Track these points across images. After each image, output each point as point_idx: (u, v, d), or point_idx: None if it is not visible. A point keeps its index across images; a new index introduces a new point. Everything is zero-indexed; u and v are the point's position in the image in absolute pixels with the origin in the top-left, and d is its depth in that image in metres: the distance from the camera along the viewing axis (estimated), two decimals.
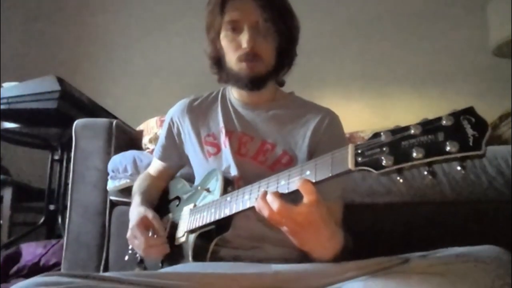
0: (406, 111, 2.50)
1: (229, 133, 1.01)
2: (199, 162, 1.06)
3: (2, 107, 1.83)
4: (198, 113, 1.09)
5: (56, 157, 2.20)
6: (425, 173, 0.55)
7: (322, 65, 2.60)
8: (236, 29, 0.96)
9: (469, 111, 0.53)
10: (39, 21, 3.10)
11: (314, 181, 0.66)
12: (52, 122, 1.95)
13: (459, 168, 0.53)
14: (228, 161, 0.99)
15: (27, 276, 1.76)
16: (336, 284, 0.71)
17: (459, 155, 0.51)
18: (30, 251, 1.86)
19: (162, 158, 1.16)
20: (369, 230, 1.15)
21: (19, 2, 3.07)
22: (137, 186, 1.15)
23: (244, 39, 0.94)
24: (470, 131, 0.52)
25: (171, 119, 1.12)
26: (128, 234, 0.97)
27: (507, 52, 2.17)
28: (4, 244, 2.00)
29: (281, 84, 1.09)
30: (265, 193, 0.70)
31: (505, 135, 1.78)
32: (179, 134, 1.11)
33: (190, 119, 1.08)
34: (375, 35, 2.62)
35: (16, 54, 2.96)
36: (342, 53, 2.66)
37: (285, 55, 1.01)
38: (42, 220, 2.14)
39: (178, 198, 1.08)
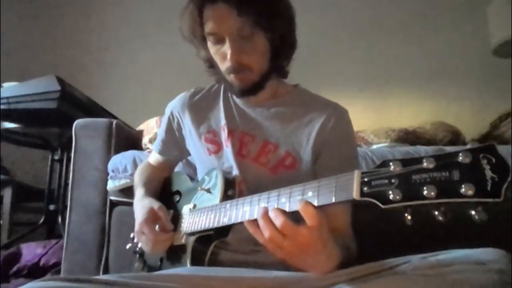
0: (407, 111, 2.50)
1: (231, 132, 0.98)
2: (200, 159, 1.04)
3: (2, 107, 1.83)
4: (199, 108, 1.05)
5: (56, 157, 2.20)
6: (436, 212, 0.50)
7: (322, 64, 2.60)
8: (218, 40, 0.89)
9: (490, 149, 0.47)
10: (39, 21, 3.09)
11: (316, 205, 0.62)
12: (52, 122, 1.95)
13: (473, 212, 0.47)
14: (229, 162, 0.96)
15: (27, 276, 1.76)
16: (337, 285, 0.71)
17: (474, 200, 0.46)
18: (30, 251, 1.86)
19: (162, 152, 1.14)
20: (369, 230, 1.15)
21: (19, 2, 3.07)
22: (138, 177, 1.12)
23: (227, 52, 0.87)
24: (489, 173, 0.46)
25: (171, 113, 1.09)
26: (136, 228, 0.95)
27: (507, 52, 2.17)
28: (4, 244, 1.99)
29: (285, 75, 1.02)
30: (266, 211, 0.67)
31: (505, 135, 1.78)
32: (179, 129, 1.09)
33: (190, 115, 1.05)
34: (375, 35, 2.61)
35: (16, 54, 2.95)
36: (342, 52, 2.65)
37: (281, 52, 0.94)
38: (42, 220, 2.13)
39: (179, 192, 1.07)
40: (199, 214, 0.89)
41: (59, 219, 2.09)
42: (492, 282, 0.60)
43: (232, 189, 0.89)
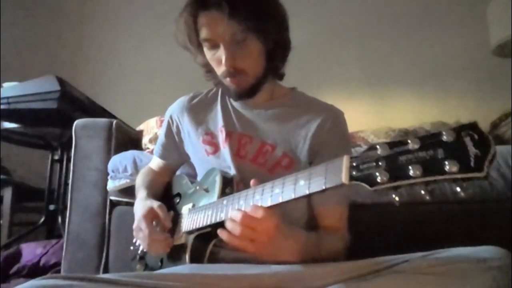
0: (407, 111, 2.50)
1: (229, 134, 0.99)
2: (199, 161, 1.05)
3: (2, 107, 1.83)
4: (197, 111, 1.07)
5: (56, 157, 2.19)
6: (422, 192, 0.51)
7: (322, 65, 2.60)
8: (213, 45, 0.91)
9: (472, 127, 0.49)
10: (40, 21, 3.10)
11: (307, 192, 0.64)
12: (52, 122, 1.95)
13: (458, 189, 0.48)
14: (226, 162, 0.97)
15: (27, 276, 1.76)
16: (336, 285, 0.71)
17: (458, 176, 0.47)
18: (30, 251, 1.86)
19: (162, 156, 1.15)
20: (369, 230, 1.15)
21: (19, 2, 3.07)
22: (141, 180, 1.14)
23: (222, 57, 0.89)
24: (472, 150, 0.47)
25: (170, 117, 1.11)
26: (134, 225, 0.97)
27: (507, 52, 2.17)
28: (4, 244, 1.99)
29: (280, 77, 1.03)
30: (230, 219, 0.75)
31: (505, 135, 1.78)
32: (178, 132, 1.10)
33: (189, 118, 1.07)
34: (375, 35, 2.61)
35: (16, 54, 2.95)
36: (343, 53, 2.65)
37: (275, 54, 0.95)
38: (42, 220, 2.13)
39: (179, 195, 1.07)
40: (198, 212, 0.90)
41: (59, 219, 2.09)
42: (492, 279, 0.60)
43: (230, 187, 0.90)
